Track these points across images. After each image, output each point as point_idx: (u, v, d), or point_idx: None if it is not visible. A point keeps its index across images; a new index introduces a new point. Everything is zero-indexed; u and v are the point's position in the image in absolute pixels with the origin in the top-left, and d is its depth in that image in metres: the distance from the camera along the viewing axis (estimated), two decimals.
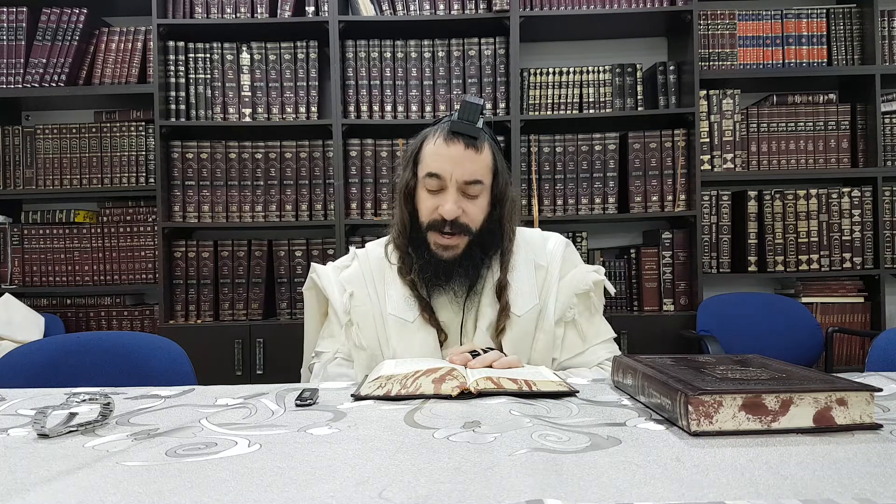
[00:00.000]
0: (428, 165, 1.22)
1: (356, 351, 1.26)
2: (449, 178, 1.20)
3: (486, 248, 1.25)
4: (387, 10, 2.73)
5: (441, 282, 1.23)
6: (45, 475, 0.62)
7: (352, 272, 1.33)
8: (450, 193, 1.21)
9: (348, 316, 1.28)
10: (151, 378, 1.33)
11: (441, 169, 1.21)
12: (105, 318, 2.84)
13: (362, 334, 1.26)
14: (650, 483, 0.56)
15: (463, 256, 1.23)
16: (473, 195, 1.22)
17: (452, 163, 1.20)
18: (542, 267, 1.30)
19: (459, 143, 1.20)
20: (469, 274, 1.23)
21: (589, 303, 1.31)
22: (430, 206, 1.22)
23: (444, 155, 1.21)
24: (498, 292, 1.25)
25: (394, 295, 1.27)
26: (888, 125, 2.79)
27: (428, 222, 1.23)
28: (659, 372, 0.82)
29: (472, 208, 1.22)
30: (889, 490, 0.54)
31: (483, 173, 1.22)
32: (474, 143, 1.21)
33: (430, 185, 1.22)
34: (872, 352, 1.36)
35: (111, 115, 2.94)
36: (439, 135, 1.23)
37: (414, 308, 1.24)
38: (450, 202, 1.20)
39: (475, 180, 1.21)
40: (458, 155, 1.20)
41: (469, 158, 1.20)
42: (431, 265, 1.23)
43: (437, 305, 1.26)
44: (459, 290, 1.24)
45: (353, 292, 1.29)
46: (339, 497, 0.54)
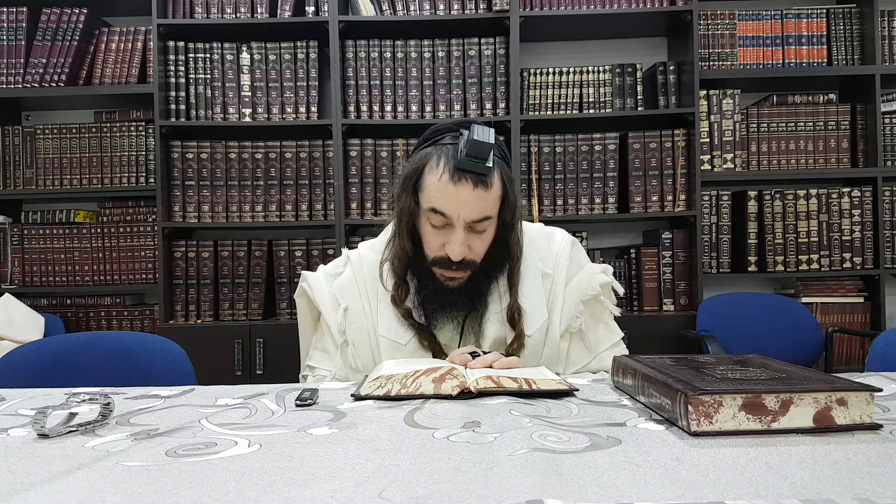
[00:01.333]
0: (432, 200, 1.13)
1: (352, 374, 1.22)
2: (456, 218, 1.12)
3: (490, 275, 1.20)
4: (387, 10, 2.73)
5: (444, 310, 1.18)
6: (45, 475, 0.62)
7: (345, 281, 1.27)
8: (457, 234, 1.13)
9: (343, 336, 1.23)
10: (151, 378, 1.33)
11: (447, 209, 1.12)
12: (105, 318, 2.84)
13: (357, 354, 1.21)
14: (650, 483, 0.56)
15: (467, 284, 1.17)
16: (480, 231, 1.15)
17: (460, 204, 1.11)
18: (549, 275, 1.25)
19: (468, 184, 1.10)
20: (473, 302, 1.19)
21: (595, 308, 1.27)
22: (435, 243, 1.15)
23: (450, 194, 1.11)
24: (510, 320, 1.19)
25: (386, 314, 1.21)
26: (888, 125, 2.79)
27: (433, 259, 1.16)
28: (659, 372, 0.82)
29: (478, 243, 1.16)
30: (889, 490, 0.54)
31: (492, 209, 1.15)
32: (484, 181, 1.11)
33: (434, 221, 1.14)
34: (872, 352, 1.36)
35: (111, 115, 2.94)
36: (444, 170, 1.12)
37: (408, 331, 1.19)
38: (457, 244, 1.12)
39: (483, 218, 1.14)
40: (467, 196, 1.11)
41: (478, 198, 1.11)
42: (435, 296, 1.17)
43: (436, 328, 1.20)
44: (460, 314, 1.19)
45: (348, 307, 1.23)
46: (339, 497, 0.54)
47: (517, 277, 1.21)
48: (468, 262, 1.16)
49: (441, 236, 1.15)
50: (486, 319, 1.20)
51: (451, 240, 1.13)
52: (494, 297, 1.22)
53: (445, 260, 1.15)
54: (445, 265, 1.16)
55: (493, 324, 1.20)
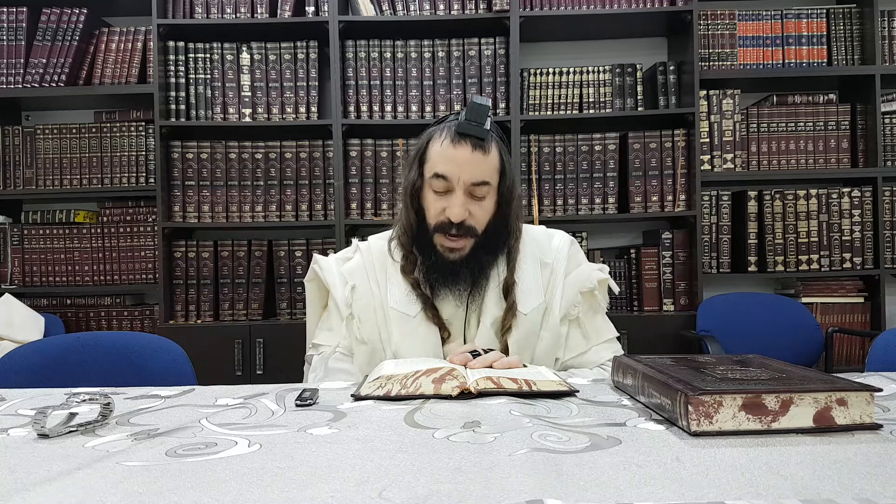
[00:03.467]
0: (435, 166, 1.21)
1: (357, 345, 1.26)
2: (456, 180, 1.19)
3: (491, 249, 1.25)
4: (387, 10, 2.73)
5: (447, 282, 1.23)
6: (45, 475, 0.62)
7: (354, 265, 1.32)
8: (457, 196, 1.20)
9: (349, 309, 1.27)
10: (151, 378, 1.33)
11: (448, 171, 1.19)
12: (105, 318, 2.84)
13: (363, 328, 1.26)
14: (650, 483, 0.56)
15: (469, 258, 1.22)
16: (480, 197, 1.21)
17: (459, 165, 1.19)
18: (548, 265, 1.30)
19: (467, 145, 1.19)
20: (474, 275, 1.23)
21: (593, 302, 1.31)
22: (437, 207, 1.22)
23: (451, 157, 1.20)
24: (504, 291, 1.25)
25: (395, 289, 1.26)
26: (888, 125, 2.79)
27: (435, 224, 1.22)
28: (659, 372, 0.82)
29: (479, 210, 1.22)
30: (889, 490, 0.54)
31: (490, 174, 1.21)
32: (482, 145, 1.20)
33: (436, 187, 1.21)
34: (872, 352, 1.36)
35: (111, 115, 2.94)
36: (446, 135, 1.22)
37: (416, 303, 1.24)
38: (457, 205, 1.19)
39: (482, 182, 1.20)
40: (466, 157, 1.19)
41: (476, 160, 1.19)
42: (437, 267, 1.22)
43: (441, 303, 1.25)
44: (464, 288, 1.24)
45: (355, 285, 1.29)
46: (339, 497, 0.54)
47: (515, 255, 1.27)
48: (468, 228, 1.21)
49: (443, 201, 1.21)
50: (487, 297, 1.25)
51: (451, 202, 1.20)
52: (494, 275, 1.26)
53: (446, 224, 1.21)
54: (446, 229, 1.21)
55: (494, 303, 1.25)
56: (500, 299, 1.25)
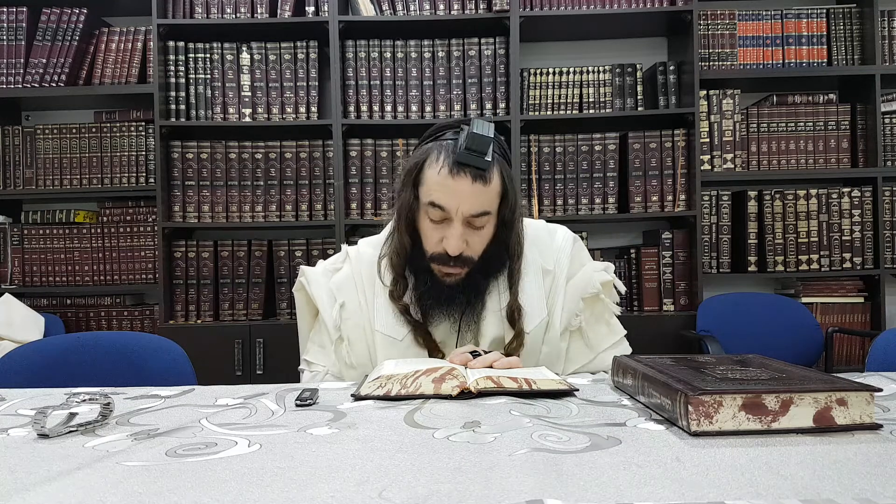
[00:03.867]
0: (431, 194, 1.14)
1: (346, 370, 1.23)
2: (454, 212, 1.13)
3: (488, 272, 1.20)
4: (387, 10, 2.73)
5: (440, 307, 1.18)
6: (45, 475, 0.62)
7: (342, 277, 1.27)
8: (454, 228, 1.13)
9: (339, 332, 1.23)
10: (151, 378, 1.33)
11: (446, 203, 1.13)
12: (105, 318, 2.84)
13: (353, 351, 1.22)
14: (650, 483, 0.56)
15: (465, 282, 1.17)
16: (479, 227, 1.15)
17: (458, 198, 1.12)
18: (549, 272, 1.25)
19: (466, 177, 1.11)
20: (470, 300, 1.19)
21: (596, 306, 1.27)
22: (433, 237, 1.16)
23: (449, 188, 1.12)
24: (509, 317, 1.19)
25: (382, 310, 1.21)
26: (888, 125, 2.79)
27: (431, 254, 1.17)
28: (659, 372, 0.82)
29: (476, 238, 1.16)
30: (889, 490, 0.54)
31: (490, 204, 1.15)
32: (483, 175, 1.12)
33: (433, 216, 1.15)
34: (872, 352, 1.36)
35: (111, 115, 2.94)
36: (444, 163, 1.13)
37: (404, 327, 1.19)
38: (454, 237, 1.13)
39: (482, 213, 1.14)
40: (465, 190, 1.12)
41: (476, 192, 1.12)
42: (432, 292, 1.17)
43: (433, 326, 1.20)
44: (457, 312, 1.19)
45: (344, 302, 1.24)
46: (339, 497, 0.54)
47: (517, 276, 1.21)
48: (466, 259, 1.16)
49: (439, 231, 1.15)
50: (483, 318, 1.20)
51: (448, 234, 1.14)
52: (493, 295, 1.21)
53: (443, 255, 1.15)
54: (443, 261, 1.16)
55: (492, 322, 1.20)
56: (502, 322, 1.20)
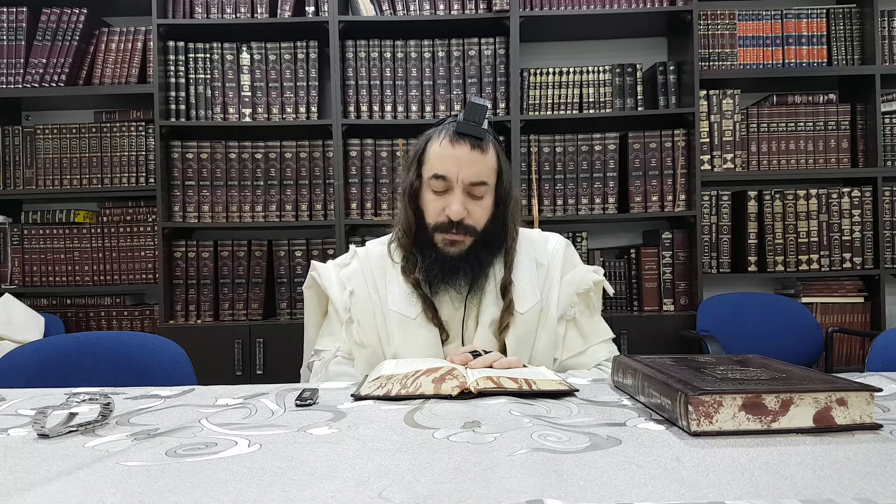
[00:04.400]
0: (433, 167, 1.22)
1: (357, 349, 1.26)
2: (455, 179, 1.21)
3: (490, 248, 1.26)
4: (387, 10, 2.73)
5: (447, 278, 1.23)
6: (45, 475, 0.62)
7: (352, 270, 1.33)
8: (455, 195, 1.21)
9: (349, 313, 1.28)
10: (151, 378, 1.33)
11: (447, 170, 1.21)
12: (105, 318, 2.84)
13: (363, 332, 1.26)
14: (650, 483, 0.56)
15: (468, 254, 1.23)
16: (478, 196, 1.23)
17: (458, 164, 1.20)
18: (543, 266, 1.31)
19: (465, 145, 1.21)
20: (474, 271, 1.24)
21: (589, 303, 1.32)
22: (436, 207, 1.23)
23: (449, 156, 1.21)
24: (502, 290, 1.26)
25: (396, 291, 1.27)
26: (888, 125, 2.79)
27: (434, 224, 1.23)
28: (659, 372, 0.82)
29: (477, 209, 1.23)
30: (889, 490, 0.54)
31: (488, 174, 1.23)
32: (480, 145, 1.22)
33: (435, 187, 1.22)
34: (872, 352, 1.36)
35: (111, 115, 2.94)
36: (444, 136, 1.23)
37: (416, 305, 1.25)
38: (456, 203, 1.20)
39: (480, 181, 1.22)
40: (464, 156, 1.21)
41: (475, 160, 1.21)
42: (437, 263, 1.23)
43: (440, 303, 1.26)
44: (463, 287, 1.25)
45: (354, 290, 1.29)
46: (339, 497, 0.54)
47: (512, 255, 1.28)
48: (467, 227, 1.22)
49: (442, 200, 1.22)
50: (485, 298, 1.26)
51: (450, 201, 1.21)
52: (492, 278, 1.27)
53: (445, 223, 1.22)
54: (445, 229, 1.22)
55: (492, 303, 1.26)
56: (498, 299, 1.26)
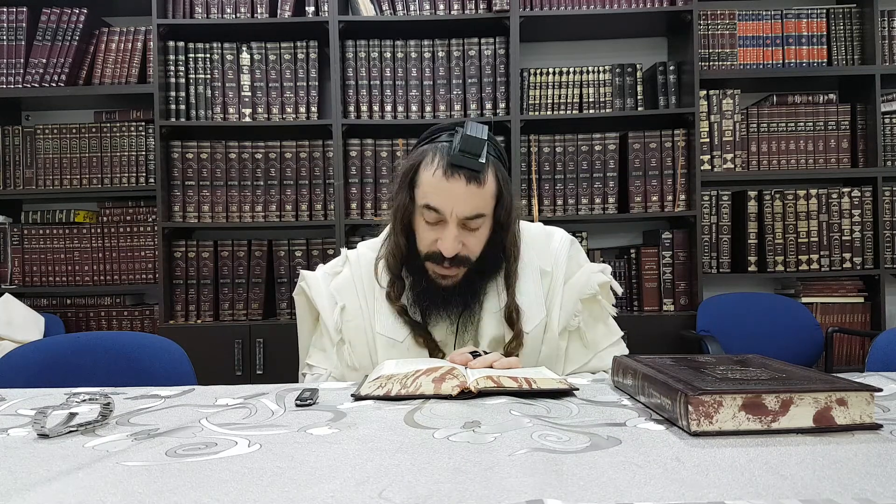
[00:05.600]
0: (426, 196, 1.14)
1: (348, 372, 1.23)
2: (449, 213, 1.13)
3: (485, 274, 1.20)
4: (387, 10, 2.73)
5: (438, 309, 1.19)
6: (45, 475, 0.62)
7: (343, 280, 1.28)
8: (449, 230, 1.13)
9: (340, 334, 1.24)
10: (151, 378, 1.33)
11: (440, 205, 1.13)
12: (105, 318, 2.84)
13: (354, 353, 1.22)
14: (650, 483, 0.56)
15: (462, 284, 1.18)
16: (474, 228, 1.15)
17: (453, 199, 1.12)
18: (548, 273, 1.26)
19: (461, 179, 1.12)
20: (467, 300, 1.19)
21: (594, 307, 1.28)
22: (428, 238, 1.16)
23: (443, 189, 1.12)
24: (508, 318, 1.19)
25: (383, 312, 1.22)
26: (888, 125, 2.79)
27: (426, 254, 1.17)
28: (659, 372, 0.82)
29: (472, 240, 1.16)
30: (889, 490, 0.54)
31: (485, 206, 1.15)
32: (477, 177, 1.12)
33: (428, 217, 1.15)
34: (872, 352, 1.36)
35: (111, 115, 2.94)
36: (438, 165, 1.13)
37: (404, 328, 1.20)
38: (449, 239, 1.13)
39: (477, 215, 1.14)
40: (459, 191, 1.12)
41: (471, 194, 1.12)
42: (429, 293, 1.18)
43: (432, 326, 1.21)
44: (455, 313, 1.20)
45: (345, 305, 1.24)
46: (339, 497, 0.54)
47: (514, 277, 1.21)
48: (461, 259, 1.16)
49: (434, 232, 1.16)
50: (481, 318, 1.21)
51: (443, 236, 1.14)
52: (491, 295, 1.22)
53: (438, 255, 1.16)
54: (438, 260, 1.16)
55: (490, 322, 1.21)
56: (500, 322, 1.20)
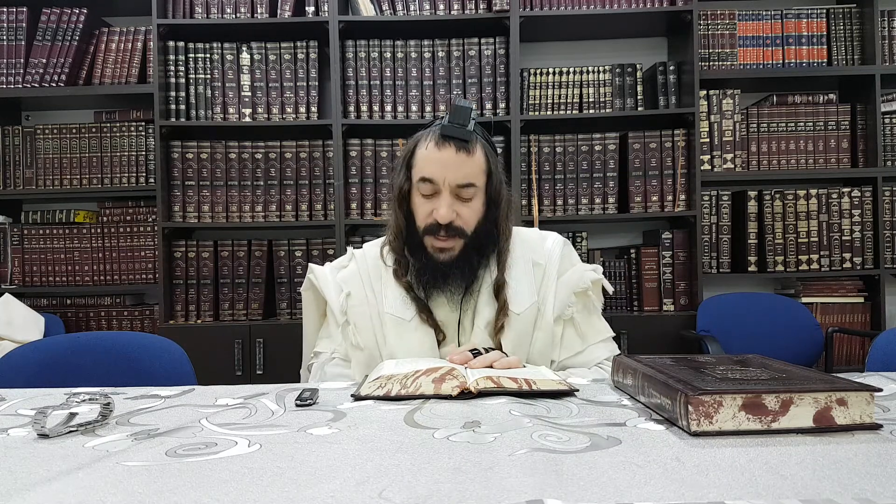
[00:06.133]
0: (421, 170, 1.22)
1: (353, 351, 1.27)
2: (442, 182, 1.20)
3: (481, 250, 1.26)
4: (387, 10, 2.73)
5: (438, 283, 1.23)
6: (45, 475, 0.62)
7: (349, 273, 1.33)
8: (443, 198, 1.21)
9: (345, 316, 1.28)
10: (151, 378, 1.33)
11: (433, 173, 1.21)
12: (105, 318, 2.84)
13: (359, 334, 1.26)
14: (650, 483, 0.56)
15: (459, 258, 1.23)
16: (467, 198, 1.22)
17: (444, 167, 1.20)
18: (540, 265, 1.30)
19: (451, 147, 1.20)
20: (465, 275, 1.24)
21: (587, 302, 1.31)
22: (425, 210, 1.23)
23: (435, 159, 1.21)
24: (496, 291, 1.25)
25: (391, 294, 1.27)
26: (888, 125, 2.79)
27: (424, 227, 1.23)
28: (659, 372, 0.82)
29: (466, 211, 1.22)
30: (889, 490, 0.54)
31: (476, 176, 1.22)
32: (466, 147, 1.21)
33: (423, 190, 1.22)
34: (872, 352, 1.36)
35: (111, 115, 2.94)
36: (430, 139, 1.23)
37: (411, 307, 1.25)
38: (443, 206, 1.20)
39: (468, 183, 1.21)
40: (450, 159, 1.20)
41: (461, 162, 1.20)
42: (429, 268, 1.23)
43: (435, 305, 1.26)
44: (456, 290, 1.24)
45: (350, 292, 1.30)
46: (339, 497, 0.54)
47: (505, 255, 1.27)
48: (456, 229, 1.22)
49: (430, 203, 1.22)
50: (480, 299, 1.26)
51: (438, 204, 1.21)
52: (486, 278, 1.27)
53: (434, 226, 1.22)
54: (434, 231, 1.22)
55: (487, 304, 1.26)
56: (493, 300, 1.26)
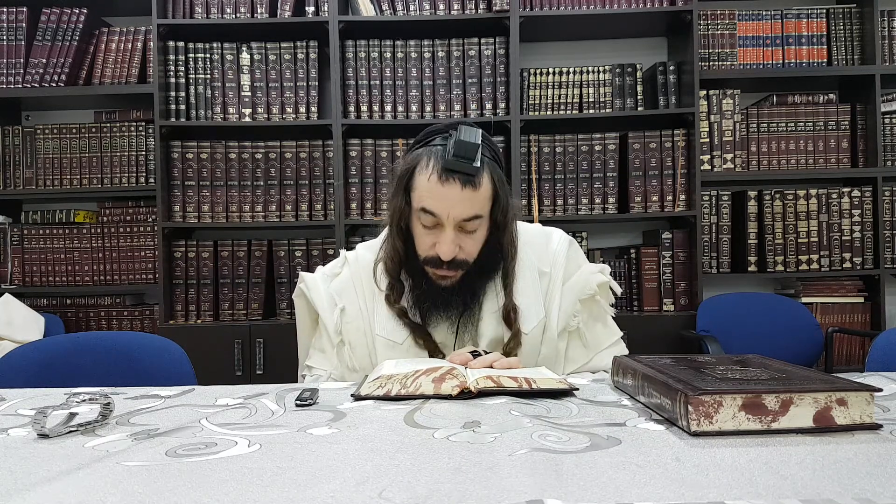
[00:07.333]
0: (422, 200, 1.14)
1: (348, 373, 1.23)
2: (445, 217, 1.13)
3: (484, 275, 1.21)
4: (387, 10, 2.73)
5: (438, 310, 1.19)
6: (45, 475, 0.62)
7: (342, 281, 1.28)
8: (446, 234, 1.14)
9: (340, 336, 1.24)
10: (151, 378, 1.33)
11: (436, 208, 1.13)
12: (105, 318, 2.84)
13: (354, 355, 1.22)
14: (650, 483, 0.56)
15: (461, 284, 1.18)
16: (471, 230, 1.15)
17: (449, 203, 1.12)
18: (546, 273, 1.26)
19: (456, 183, 1.11)
20: (467, 302, 1.19)
21: (593, 308, 1.28)
22: (426, 242, 1.16)
23: (439, 194, 1.12)
24: (506, 317, 1.19)
25: (382, 314, 1.22)
26: (888, 125, 2.79)
27: (424, 258, 1.17)
28: (659, 372, 0.82)
29: (469, 242, 1.16)
30: (889, 490, 0.54)
31: (481, 207, 1.15)
32: (472, 181, 1.12)
33: (425, 221, 1.15)
34: (872, 352, 1.36)
35: (111, 115, 2.94)
36: (433, 169, 1.13)
37: (403, 330, 1.20)
38: (446, 243, 1.13)
39: (473, 216, 1.14)
40: (455, 195, 1.12)
41: (466, 198, 1.12)
42: (429, 295, 1.18)
43: (432, 327, 1.21)
44: (455, 313, 1.20)
45: (344, 307, 1.25)
46: (339, 497, 0.54)
47: (512, 277, 1.21)
48: (459, 262, 1.16)
49: (432, 236, 1.16)
50: (481, 318, 1.21)
51: (440, 240, 1.14)
52: (490, 295, 1.22)
53: (436, 259, 1.16)
54: (436, 264, 1.16)
55: (489, 323, 1.21)
56: (499, 323, 1.21)
